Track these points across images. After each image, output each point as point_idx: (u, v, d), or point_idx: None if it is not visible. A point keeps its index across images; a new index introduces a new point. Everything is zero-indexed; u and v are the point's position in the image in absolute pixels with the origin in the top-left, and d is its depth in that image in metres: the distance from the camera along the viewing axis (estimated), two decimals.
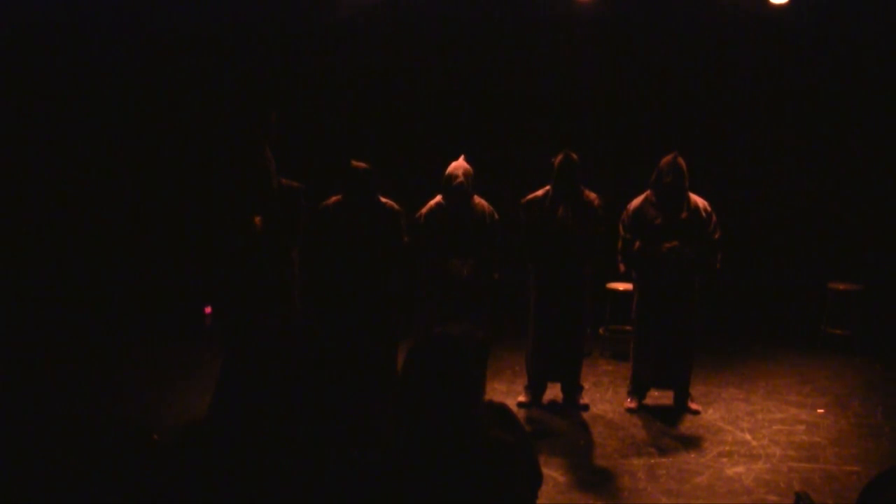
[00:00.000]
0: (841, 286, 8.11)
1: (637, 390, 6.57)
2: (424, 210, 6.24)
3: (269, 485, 2.29)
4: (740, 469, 5.44)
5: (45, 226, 8.52)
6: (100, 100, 8.60)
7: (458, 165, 6.09)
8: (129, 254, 8.72)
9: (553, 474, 5.28)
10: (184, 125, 8.68)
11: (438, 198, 6.24)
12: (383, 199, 6.09)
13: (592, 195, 6.28)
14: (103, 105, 8.62)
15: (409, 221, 6.22)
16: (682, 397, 6.50)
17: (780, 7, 8.00)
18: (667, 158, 6.18)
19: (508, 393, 6.73)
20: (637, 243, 6.26)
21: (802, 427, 6.19)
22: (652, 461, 5.59)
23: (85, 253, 8.59)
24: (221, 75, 8.69)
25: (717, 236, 6.27)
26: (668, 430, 6.15)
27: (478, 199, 6.21)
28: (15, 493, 2.65)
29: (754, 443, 5.88)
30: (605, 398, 6.79)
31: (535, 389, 6.57)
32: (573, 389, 6.55)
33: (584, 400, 6.57)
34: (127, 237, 8.73)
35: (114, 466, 2.62)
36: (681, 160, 6.15)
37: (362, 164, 5.98)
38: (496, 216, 6.26)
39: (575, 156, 6.18)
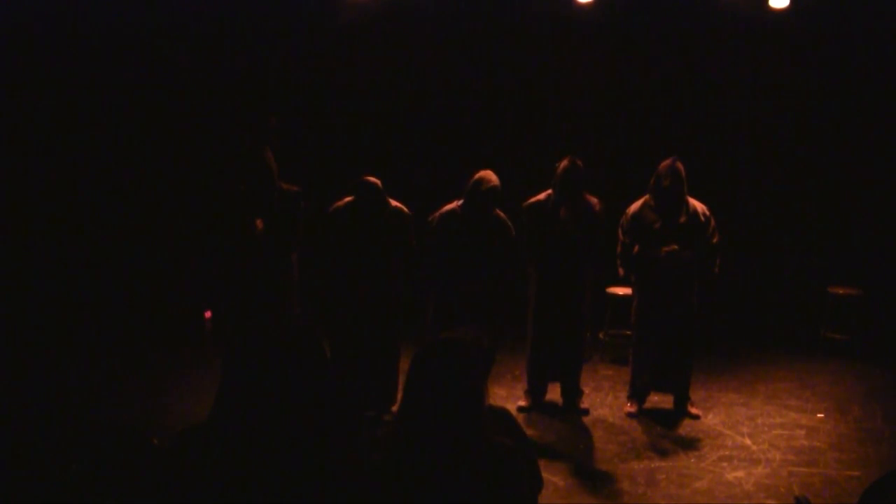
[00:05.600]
0: (841, 290, 8.11)
1: (637, 394, 6.57)
2: (438, 214, 6.16)
3: (269, 487, 2.29)
4: (740, 474, 5.44)
5: (46, 229, 8.52)
6: (100, 102, 8.59)
7: (489, 173, 6.03)
8: (129, 257, 8.71)
9: (553, 479, 5.28)
10: (184, 128, 8.68)
11: (454, 204, 6.14)
12: (393, 203, 6.09)
13: (594, 200, 6.27)
14: (103, 108, 8.62)
15: (418, 225, 6.20)
16: (682, 402, 6.50)
17: (779, 11, 8.03)
18: (665, 163, 6.18)
19: (508, 397, 6.73)
20: (636, 247, 6.27)
21: (802, 432, 6.19)
22: (652, 465, 5.58)
23: (85, 256, 8.58)
24: (222, 78, 8.69)
25: (715, 240, 6.27)
26: (667, 434, 6.14)
27: (498, 212, 6.14)
28: (16, 497, 2.65)
29: (754, 447, 5.88)
30: (605, 402, 6.78)
31: (535, 393, 6.56)
32: (573, 393, 6.55)
33: (584, 404, 6.56)
34: (127, 240, 8.73)
35: (113, 471, 2.62)
36: (679, 164, 6.15)
37: (374, 180, 5.97)
38: (512, 231, 6.16)
39: (580, 162, 6.17)
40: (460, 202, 6.12)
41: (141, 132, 8.72)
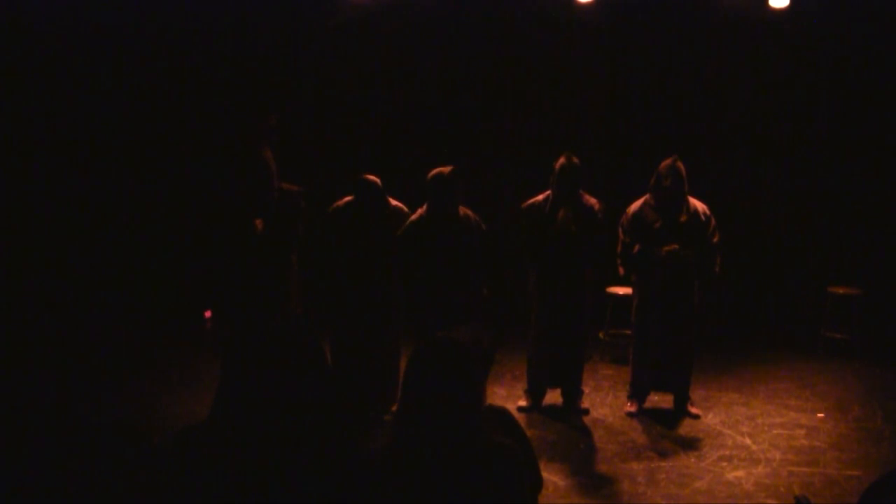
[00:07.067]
0: (840, 290, 8.11)
1: (637, 394, 6.57)
2: (402, 228, 5.92)
3: (269, 487, 2.29)
4: (740, 473, 5.44)
5: (46, 228, 8.52)
6: (99, 101, 8.60)
7: (444, 167, 5.83)
8: (129, 257, 8.71)
9: (553, 478, 5.28)
10: (184, 128, 8.69)
11: (417, 213, 5.93)
12: (393, 202, 6.08)
13: (593, 200, 6.26)
14: (103, 106, 8.62)
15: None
16: (682, 401, 6.50)
17: (779, 11, 8.03)
18: (666, 162, 6.19)
19: (508, 397, 6.72)
20: (636, 247, 6.26)
21: (802, 431, 6.18)
22: (652, 465, 5.58)
23: (85, 256, 8.59)
24: (222, 77, 8.69)
25: (715, 240, 6.27)
26: (667, 434, 6.14)
27: (463, 210, 5.96)
28: (14, 496, 2.65)
29: (754, 447, 5.88)
30: (605, 402, 6.78)
31: (535, 394, 6.56)
32: (573, 393, 6.55)
33: (584, 404, 6.56)
34: (127, 240, 8.73)
35: (113, 471, 2.61)
36: (680, 164, 6.16)
37: (373, 178, 5.95)
38: (483, 227, 6.01)
39: (576, 159, 6.17)
40: (424, 209, 5.89)
41: (141, 132, 8.72)
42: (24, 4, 8.25)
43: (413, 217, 5.94)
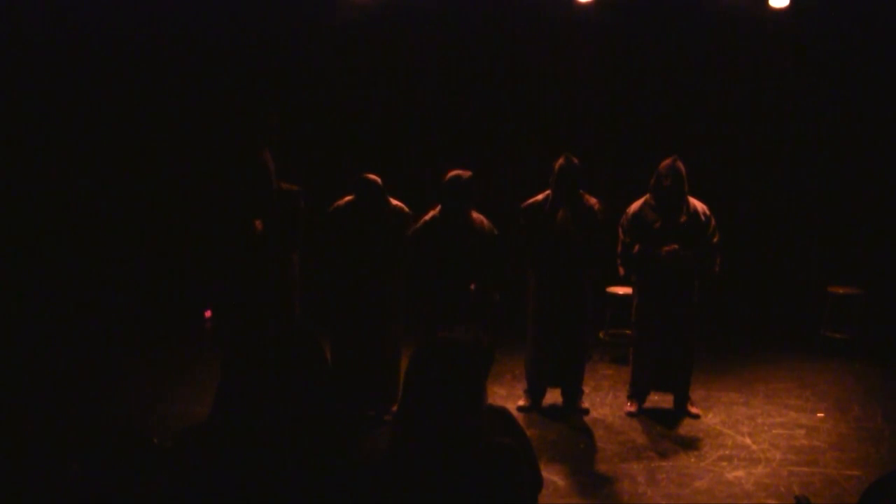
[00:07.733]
0: (841, 290, 8.11)
1: (637, 394, 6.57)
2: (413, 228, 5.97)
3: (269, 487, 2.29)
4: (740, 473, 5.44)
5: (46, 228, 8.52)
6: (99, 101, 8.60)
7: (460, 170, 5.94)
8: (129, 257, 8.71)
9: (553, 478, 5.28)
10: (184, 127, 8.69)
11: (429, 214, 6.00)
12: (393, 202, 6.07)
13: (593, 200, 6.26)
14: (103, 107, 8.62)
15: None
16: (682, 401, 6.50)
17: (779, 11, 8.03)
18: (666, 162, 6.18)
19: (508, 397, 6.72)
20: (636, 247, 6.26)
21: (802, 431, 6.19)
22: (652, 465, 5.58)
23: (85, 256, 8.59)
24: (221, 77, 8.70)
25: (715, 240, 6.27)
26: (667, 433, 6.14)
27: (476, 215, 6.01)
28: (16, 496, 2.65)
29: (754, 447, 5.88)
30: (605, 402, 6.78)
31: (535, 393, 6.56)
32: (573, 393, 6.55)
33: (585, 404, 6.56)
34: (127, 240, 8.73)
35: (113, 470, 2.62)
36: (680, 164, 6.16)
37: (373, 178, 5.95)
38: (496, 232, 6.06)
39: (575, 159, 6.17)
40: (436, 210, 5.95)
41: (141, 132, 8.72)
42: (23, 3, 8.25)
43: (426, 217, 6.00)
